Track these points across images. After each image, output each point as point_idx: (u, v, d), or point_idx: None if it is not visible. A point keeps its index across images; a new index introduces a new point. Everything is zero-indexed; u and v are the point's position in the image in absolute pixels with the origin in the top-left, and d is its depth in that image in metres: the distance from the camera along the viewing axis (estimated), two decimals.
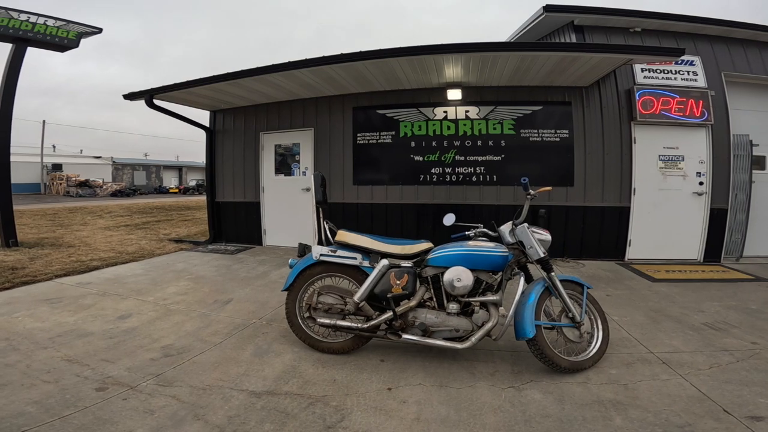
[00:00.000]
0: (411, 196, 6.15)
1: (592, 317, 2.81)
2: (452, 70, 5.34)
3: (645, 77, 5.85)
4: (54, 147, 39.31)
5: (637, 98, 5.73)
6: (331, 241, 3.00)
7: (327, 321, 2.84)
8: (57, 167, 34.22)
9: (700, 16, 5.89)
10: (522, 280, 2.73)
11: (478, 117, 5.97)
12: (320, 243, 3.02)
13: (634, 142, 5.81)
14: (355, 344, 2.89)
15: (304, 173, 6.68)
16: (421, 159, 6.11)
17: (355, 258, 2.89)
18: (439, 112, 6.05)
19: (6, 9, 6.22)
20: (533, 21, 6.35)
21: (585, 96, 5.87)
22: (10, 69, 6.30)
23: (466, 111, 5.99)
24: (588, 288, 2.81)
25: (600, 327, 2.78)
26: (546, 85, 5.83)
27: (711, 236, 5.71)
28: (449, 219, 2.97)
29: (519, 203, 5.73)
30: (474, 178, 5.99)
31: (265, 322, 3.51)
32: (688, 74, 5.86)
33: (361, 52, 4.83)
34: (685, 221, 5.78)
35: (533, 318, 2.54)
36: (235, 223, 7.17)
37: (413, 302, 2.74)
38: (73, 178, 31.25)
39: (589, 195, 5.84)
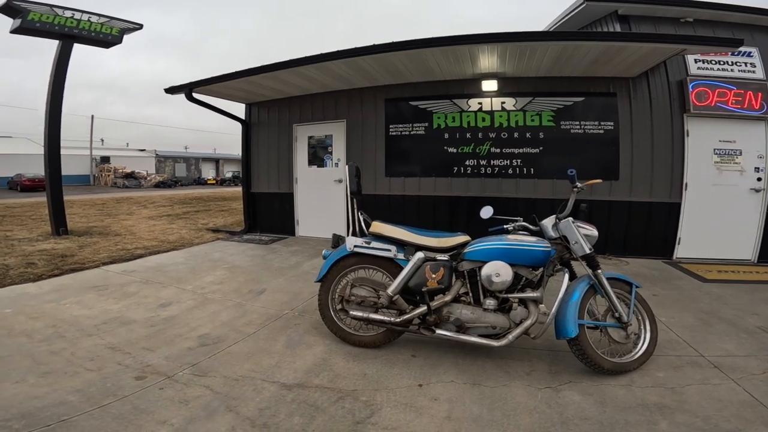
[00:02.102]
0: (444, 188, 6.04)
1: (640, 318, 2.67)
2: (487, 61, 5.16)
3: (699, 68, 5.44)
4: (102, 140, 41.58)
5: (691, 90, 5.33)
6: (365, 232, 2.98)
7: (360, 314, 2.82)
8: (105, 159, 36.23)
9: (757, 6, 5.39)
10: (566, 276, 2.60)
11: (514, 108, 5.75)
12: (354, 234, 3.00)
13: (687, 136, 5.42)
14: (387, 338, 2.87)
15: (337, 164, 6.70)
16: (455, 151, 5.97)
17: (390, 250, 2.85)
18: (473, 104, 5.88)
19: (51, 6, 6.50)
20: (572, 11, 6.05)
21: (632, 87, 5.51)
22: (58, 65, 6.62)
23: (502, 102, 5.78)
24: (637, 287, 2.67)
25: (648, 328, 2.64)
26: (588, 76, 5.52)
27: (767, 236, 5.28)
28: (487, 212, 2.86)
29: (558, 197, 5.61)
30: (510, 171, 5.80)
31: (297, 314, 3.55)
32: (746, 65, 5.40)
33: (393, 43, 4.75)
34: (740, 219, 5.36)
35: (576, 317, 2.43)
36: (269, 214, 7.31)
37: (448, 297, 2.67)
38: (120, 170, 32.98)
39: (636, 190, 5.52)
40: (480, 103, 5.86)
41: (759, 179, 5.33)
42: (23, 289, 4.00)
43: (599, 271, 2.55)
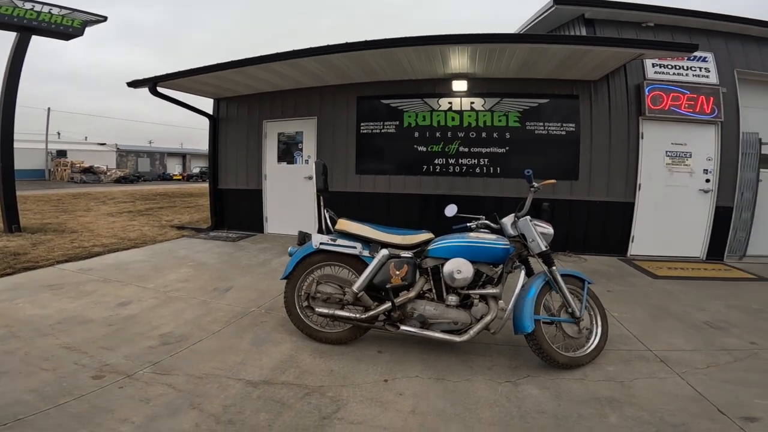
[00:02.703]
0: (414, 186, 6.11)
1: (592, 313, 2.79)
2: (458, 61, 5.26)
3: (656, 72, 5.74)
4: (59, 134, 39.22)
5: (647, 93, 5.63)
6: (332, 229, 2.99)
7: (325, 311, 2.83)
8: (61, 154, 34.24)
9: (714, 12, 5.73)
10: (522, 273, 2.70)
11: (483, 109, 5.89)
12: (320, 231, 3.01)
13: (642, 138, 5.73)
14: (353, 335, 2.89)
15: (307, 162, 6.65)
16: (424, 149, 6.06)
17: (355, 247, 2.87)
18: (444, 103, 5.98)
19: None
20: (542, 13, 6.23)
21: (593, 90, 5.77)
22: (14, 58, 6.26)
23: (472, 102, 5.91)
24: (589, 283, 2.78)
25: (599, 323, 2.76)
26: (554, 78, 5.73)
27: (715, 234, 5.66)
28: (451, 210, 2.93)
29: (523, 196, 5.68)
30: (477, 170, 5.94)
31: (264, 311, 3.52)
32: (700, 70, 5.74)
33: (365, 42, 4.77)
34: (689, 218, 5.72)
35: (532, 312, 2.52)
36: (237, 211, 7.17)
37: (412, 293, 2.72)
38: (78, 165, 31.26)
39: (594, 190, 5.78)
40: (450, 103, 5.96)
41: (707, 180, 5.70)
42: None
43: (554, 268, 2.65)
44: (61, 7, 6.64)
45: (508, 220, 2.78)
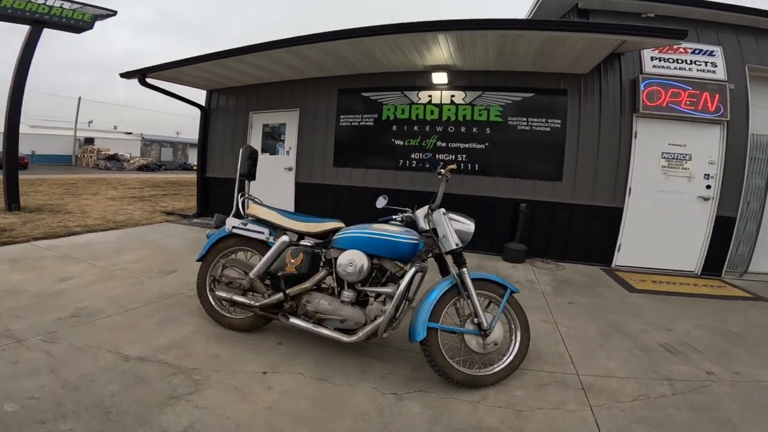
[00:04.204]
0: (390, 181, 5.95)
1: (512, 326, 2.49)
2: (433, 52, 5.06)
3: (654, 66, 5.27)
4: (90, 122, 41.30)
5: (642, 89, 5.19)
6: (242, 214, 2.93)
7: (224, 294, 2.78)
8: (89, 141, 36.28)
9: (723, 2, 5.17)
10: (416, 274, 2.45)
11: (463, 102, 5.65)
12: (237, 216, 2.95)
13: (635, 137, 5.28)
14: (255, 323, 2.80)
15: (288, 153, 6.66)
16: (401, 143, 5.89)
17: (263, 233, 2.79)
18: (423, 96, 5.79)
19: None
20: (535, 6, 5.90)
21: (583, 84, 5.39)
22: (25, 49, 6.67)
23: (452, 96, 5.68)
24: (513, 291, 2.47)
25: (518, 339, 2.45)
26: (539, 72, 5.40)
27: (713, 247, 5.10)
28: (381, 201, 2.71)
29: (501, 195, 5.49)
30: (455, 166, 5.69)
31: (193, 294, 3.48)
32: (706, 65, 5.21)
33: (335, 32, 4.70)
34: (685, 228, 5.19)
35: (426, 318, 2.25)
36: (222, 198, 7.27)
37: (307, 284, 2.58)
38: (103, 152, 32.87)
39: (579, 192, 5.39)
40: (430, 96, 5.77)
41: (708, 187, 5.17)
42: None
43: (464, 269, 2.36)
44: (72, 2, 7.01)
45: (421, 213, 2.53)
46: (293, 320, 2.58)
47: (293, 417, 1.96)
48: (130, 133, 41.70)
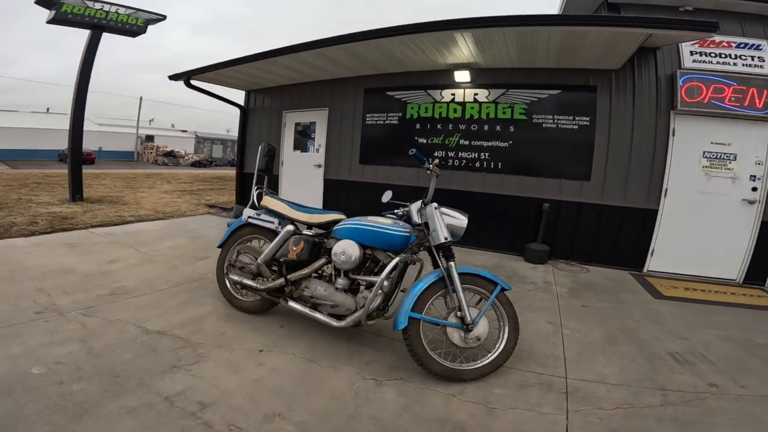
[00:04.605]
0: (412, 178, 6.03)
1: (501, 323, 2.51)
2: (453, 51, 5.08)
3: (694, 61, 4.92)
4: (150, 121, 44.42)
5: (681, 84, 4.86)
6: (257, 205, 3.22)
7: (236, 278, 3.06)
8: (149, 138, 39.29)
9: None
10: (398, 264, 2.52)
11: (487, 100, 5.60)
12: (253, 207, 3.24)
13: (673, 135, 4.96)
14: (263, 305, 3.05)
15: (318, 150, 6.95)
16: (425, 141, 5.95)
17: (273, 222, 3.05)
18: (446, 95, 5.81)
19: None
20: (564, 2, 5.70)
21: (615, 80, 5.14)
22: (87, 52, 7.49)
23: (475, 94, 5.65)
24: (505, 288, 2.50)
25: (505, 336, 2.47)
26: (566, 68, 5.22)
27: (758, 254, 4.68)
28: (386, 196, 2.88)
29: (525, 195, 5.38)
30: (477, 165, 5.68)
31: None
32: (752, 60, 4.79)
33: (352, 34, 4.88)
34: (727, 233, 4.81)
35: (410, 308, 2.35)
36: None
37: (306, 270, 2.78)
38: (161, 149, 35.44)
39: (608, 192, 5.16)
40: (453, 94, 5.78)
41: (754, 189, 4.75)
42: (14, 242, 4.59)
43: (452, 263, 2.43)
44: (126, 7, 7.74)
45: (415, 207, 2.66)
46: (291, 303, 2.79)
47: (274, 391, 2.14)
48: (185, 131, 44.76)
